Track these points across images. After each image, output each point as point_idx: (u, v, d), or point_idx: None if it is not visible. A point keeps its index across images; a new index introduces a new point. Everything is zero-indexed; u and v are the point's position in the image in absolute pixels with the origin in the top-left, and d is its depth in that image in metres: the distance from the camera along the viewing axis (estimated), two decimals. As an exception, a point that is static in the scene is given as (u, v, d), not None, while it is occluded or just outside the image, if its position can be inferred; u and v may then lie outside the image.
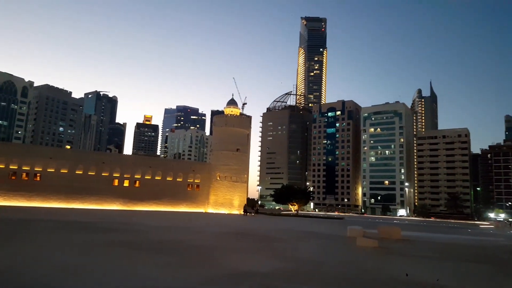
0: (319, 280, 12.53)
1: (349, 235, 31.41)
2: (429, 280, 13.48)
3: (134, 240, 21.46)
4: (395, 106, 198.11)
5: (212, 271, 12.93)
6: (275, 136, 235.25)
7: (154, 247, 18.71)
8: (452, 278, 14.14)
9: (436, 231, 52.93)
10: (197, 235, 27.05)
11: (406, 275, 11.45)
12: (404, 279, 13.21)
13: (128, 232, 26.24)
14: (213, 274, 12.47)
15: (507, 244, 34.28)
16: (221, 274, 12.56)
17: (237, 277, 12.21)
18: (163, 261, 14.62)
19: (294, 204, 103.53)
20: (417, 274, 14.82)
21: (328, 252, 20.92)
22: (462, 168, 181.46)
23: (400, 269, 15.80)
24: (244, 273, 12.84)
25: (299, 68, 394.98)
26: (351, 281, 12.56)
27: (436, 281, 12.18)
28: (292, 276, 12.97)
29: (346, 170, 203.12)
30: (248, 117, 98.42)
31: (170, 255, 16.46)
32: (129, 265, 13.38)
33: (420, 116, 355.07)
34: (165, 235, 25.63)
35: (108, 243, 19.14)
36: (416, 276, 14.18)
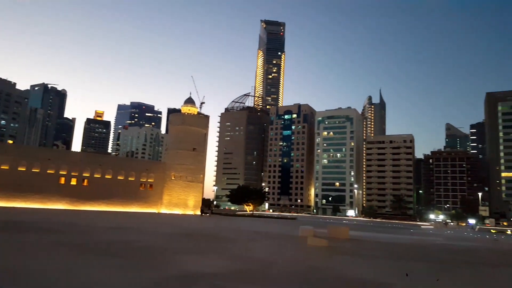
0: (269, 280, 12.81)
1: (301, 234, 32.26)
2: (374, 278, 14.26)
3: (81, 241, 20.57)
4: (347, 112, 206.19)
5: (162, 273, 12.77)
6: (233, 137, 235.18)
7: (102, 249, 18.07)
8: (395, 276, 15.05)
9: (382, 231, 55.78)
10: (148, 236, 26.44)
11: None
12: (351, 277, 13.88)
13: (75, 233, 25.08)
14: (162, 275, 12.32)
15: (444, 243, 36.93)
16: (170, 275, 12.44)
17: (187, 278, 12.15)
18: (111, 263, 14.19)
19: (249, 204, 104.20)
20: (363, 272, 15.62)
21: (279, 252, 21.37)
22: (406, 171, 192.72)
23: (347, 268, 16.56)
24: (194, 274, 12.81)
25: (258, 70, 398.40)
26: (300, 280, 12.97)
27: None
28: (242, 276, 13.13)
29: (300, 172, 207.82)
30: (206, 117, 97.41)
31: (118, 256, 15.99)
32: (75, 268, 12.85)
33: (370, 121, 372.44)
34: (114, 236, 24.79)
35: (53, 245, 18.20)
36: (362, 274, 14.95)
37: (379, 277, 14.47)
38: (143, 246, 19.97)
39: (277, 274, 13.85)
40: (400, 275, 15.29)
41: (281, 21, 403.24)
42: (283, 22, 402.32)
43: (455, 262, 21.13)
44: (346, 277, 13.98)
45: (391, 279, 14.10)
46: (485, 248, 33.49)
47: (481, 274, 16.88)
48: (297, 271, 14.69)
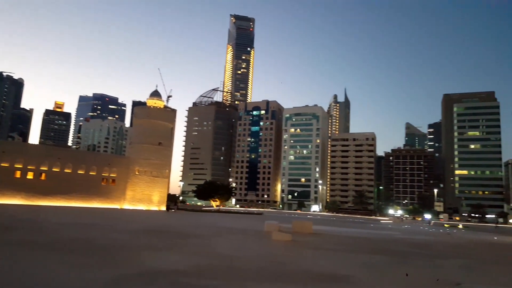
0: (232, 275, 12.93)
1: (266, 229, 32.68)
2: (334, 271, 14.77)
3: (37, 238, 19.73)
4: (314, 109, 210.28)
5: (122, 271, 12.54)
6: (200, 132, 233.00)
7: (60, 246, 17.44)
8: (354, 268, 15.66)
9: (344, 226, 57.57)
10: (110, 232, 25.78)
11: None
12: (313, 271, 14.30)
13: (31, 230, 24.00)
14: (123, 273, 12.10)
15: (401, 237, 38.72)
16: (132, 273, 12.24)
17: (149, 275, 12.02)
18: (69, 261, 13.74)
19: (216, 200, 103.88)
20: (324, 265, 16.13)
21: (244, 247, 21.57)
22: (368, 168, 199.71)
23: (309, 262, 17.03)
24: (155, 271, 12.68)
25: (227, 65, 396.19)
26: (263, 275, 13.18)
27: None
28: (205, 272, 13.16)
29: (267, 168, 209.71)
30: (173, 111, 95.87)
31: (77, 254, 15.51)
32: (29, 267, 12.34)
33: (335, 119, 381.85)
34: (74, 233, 23.97)
35: (5, 242, 17.35)
36: (323, 267, 15.44)
37: (340, 270, 15.01)
38: (104, 243, 19.48)
39: (240, 269, 14.00)
40: (362, 267, 15.93)
41: (251, 16, 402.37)
42: (253, 18, 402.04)
43: (411, 254, 22.25)
44: (308, 270, 14.38)
45: (351, 271, 14.66)
46: (438, 242, 35.46)
47: (433, 265, 17.91)
48: (260, 266, 14.91)
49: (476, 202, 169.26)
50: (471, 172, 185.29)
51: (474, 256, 23.50)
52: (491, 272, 16.92)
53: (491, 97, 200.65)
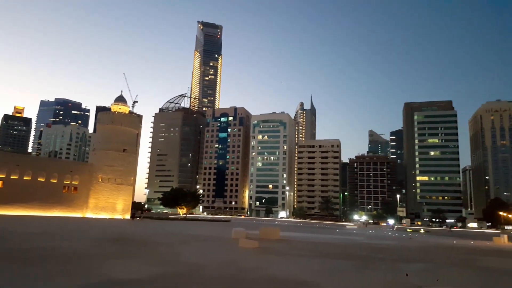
0: (197, 283, 12.77)
1: (233, 236, 32.58)
2: (300, 277, 14.95)
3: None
4: (281, 116, 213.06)
5: (82, 281, 12.07)
6: (167, 138, 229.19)
7: (18, 256, 16.54)
8: (319, 274, 15.94)
9: (310, 231, 58.41)
10: (71, 242, 24.71)
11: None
12: (278, 278, 14.40)
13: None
14: (82, 283, 11.66)
15: (366, 242, 39.82)
16: (92, 283, 11.80)
17: (110, 285, 11.66)
18: (26, 272, 13.06)
19: (182, 207, 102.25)
20: (290, 272, 16.29)
21: (210, 255, 21.38)
22: (333, 174, 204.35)
23: (275, 268, 17.14)
24: (118, 281, 12.31)
25: (195, 71, 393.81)
26: (228, 282, 13.15)
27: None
28: (170, 280, 12.93)
29: (235, 174, 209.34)
30: (138, 116, 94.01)
31: (36, 265, 14.77)
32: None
33: (302, 126, 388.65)
34: (33, 243, 22.76)
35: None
36: (289, 274, 15.58)
37: (305, 276, 15.21)
38: (65, 253, 18.66)
39: (206, 277, 13.88)
40: (324, 273, 16.24)
41: (219, 24, 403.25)
42: (221, 25, 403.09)
43: (374, 259, 22.94)
44: (273, 277, 14.47)
45: (316, 277, 14.90)
46: (401, 246, 36.77)
47: (396, 270, 18.56)
48: (225, 274, 14.85)
49: (436, 207, 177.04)
50: (431, 178, 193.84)
51: (434, 259, 24.52)
52: (450, 274, 17.74)
53: (449, 106, 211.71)
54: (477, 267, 21.02)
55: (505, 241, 49.57)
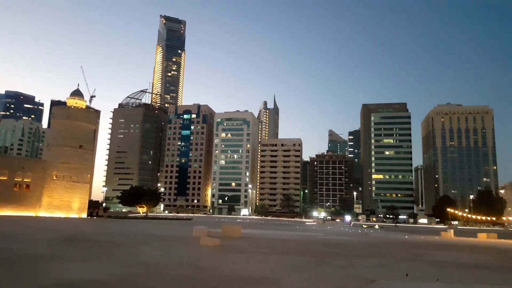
0: (156, 284, 12.65)
1: (195, 235, 32.43)
2: (260, 274, 15.26)
3: None
4: (245, 115, 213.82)
5: (34, 283, 11.60)
6: (127, 135, 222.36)
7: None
8: (279, 271, 16.34)
9: (271, 228, 59.29)
10: (22, 242, 23.47)
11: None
12: (239, 275, 14.63)
13: None
14: (36, 286, 11.24)
15: (324, 238, 41.09)
16: (46, 285, 11.34)
17: (64, 287, 11.34)
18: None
19: (142, 206, 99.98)
20: (251, 269, 16.56)
21: (170, 254, 21.19)
22: (295, 172, 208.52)
23: (236, 266, 17.36)
24: (72, 283, 11.88)
25: (156, 66, 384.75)
26: (188, 281, 13.13)
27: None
28: (128, 282, 12.68)
29: (198, 172, 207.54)
30: (96, 112, 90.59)
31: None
32: None
33: (265, 125, 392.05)
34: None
35: None
36: (249, 271, 15.84)
37: (265, 272, 15.53)
38: (15, 255, 17.75)
39: (165, 277, 13.77)
40: (284, 269, 16.69)
41: (182, 19, 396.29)
42: (184, 20, 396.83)
43: (332, 254, 23.82)
44: (233, 274, 14.66)
45: (276, 273, 15.26)
46: (357, 242, 38.29)
47: (352, 264, 19.42)
48: (185, 273, 14.82)
49: (390, 204, 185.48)
50: (386, 176, 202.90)
51: (388, 254, 25.80)
52: (402, 268, 18.79)
53: (403, 108, 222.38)
54: (427, 260, 22.40)
55: (451, 235, 53.10)
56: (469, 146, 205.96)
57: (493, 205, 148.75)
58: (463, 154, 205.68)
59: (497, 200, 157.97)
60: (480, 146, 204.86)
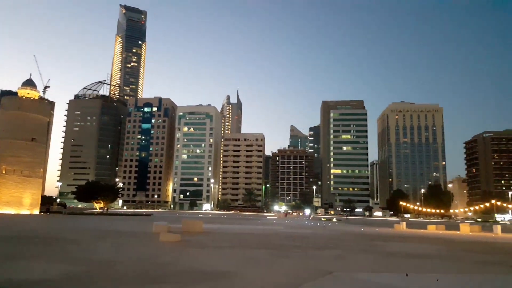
0: (111, 281, 12.31)
1: (154, 231, 31.82)
2: (220, 268, 15.31)
3: None
4: (208, 109, 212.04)
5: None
6: (83, 127, 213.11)
7: None
8: (239, 264, 16.47)
9: (233, 223, 59.48)
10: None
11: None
12: (198, 270, 14.57)
13: None
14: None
15: (284, 231, 41.81)
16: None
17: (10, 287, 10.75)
18: None
19: (99, 201, 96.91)
20: (210, 263, 16.55)
21: (128, 250, 20.67)
22: (257, 167, 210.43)
23: (196, 260, 17.29)
24: (18, 283, 11.24)
25: (116, 57, 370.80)
26: (144, 277, 12.88)
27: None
28: (81, 279, 12.26)
29: (159, 167, 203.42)
30: (50, 103, 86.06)
31: None
32: None
33: (228, 120, 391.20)
34: None
35: None
36: (209, 265, 15.83)
37: (225, 266, 15.60)
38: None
39: (120, 274, 13.43)
40: (244, 262, 16.85)
41: (143, 9, 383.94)
42: (145, 11, 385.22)
43: (291, 247, 24.32)
44: (193, 269, 14.58)
45: (235, 267, 15.37)
46: (316, 234, 39.33)
47: (310, 256, 19.96)
48: (142, 269, 14.54)
49: (347, 198, 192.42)
50: (343, 171, 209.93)
51: (344, 246, 26.74)
52: (359, 260, 19.57)
53: (360, 105, 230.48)
54: (381, 251, 23.47)
55: (403, 227, 55.99)
56: (420, 143, 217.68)
57: (441, 198, 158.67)
58: (415, 150, 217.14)
59: (445, 193, 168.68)
60: (430, 142, 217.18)
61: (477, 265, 18.08)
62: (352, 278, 13.94)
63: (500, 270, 16.99)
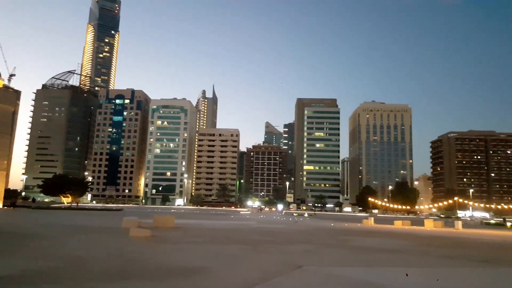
0: (78, 277, 12.02)
1: (124, 226, 31.24)
2: (191, 263, 15.24)
3: None
4: (182, 103, 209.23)
5: None
6: (51, 118, 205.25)
7: None
8: (211, 260, 16.45)
9: (206, 218, 59.20)
10: None
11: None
12: (169, 265, 14.44)
13: None
14: None
15: (257, 226, 42.10)
16: None
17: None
18: None
19: (67, 196, 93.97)
20: (181, 259, 16.45)
21: (96, 246, 20.20)
22: (231, 163, 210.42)
23: (166, 256, 17.13)
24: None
25: (87, 46, 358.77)
26: (112, 274, 12.66)
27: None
28: (47, 276, 11.86)
29: (130, 161, 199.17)
30: (16, 92, 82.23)
31: None
32: None
33: (203, 114, 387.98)
34: None
35: None
36: (180, 261, 15.73)
37: (196, 262, 15.54)
38: None
39: (87, 270, 13.13)
40: (216, 258, 16.85)
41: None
42: (119, 0, 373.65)
43: (264, 242, 24.52)
44: (163, 265, 14.43)
45: (208, 263, 15.35)
46: (287, 229, 39.86)
47: (282, 251, 20.21)
48: (113, 265, 14.27)
49: (319, 194, 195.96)
50: (316, 167, 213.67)
51: (315, 241, 27.24)
52: (329, 254, 20.00)
53: (334, 103, 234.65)
54: (351, 246, 24.10)
55: (371, 223, 57.70)
56: (389, 141, 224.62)
57: (408, 195, 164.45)
58: (384, 148, 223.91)
59: (412, 190, 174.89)
60: (399, 141, 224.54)
61: (440, 259, 18.90)
62: (322, 272, 14.24)
63: (460, 263, 17.84)
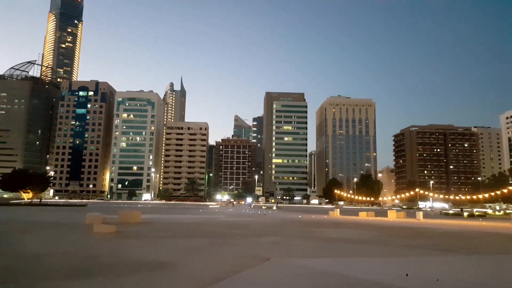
0: (37, 275, 11.46)
1: (88, 222, 30.22)
2: (156, 258, 14.92)
3: None
4: (149, 95, 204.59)
5: None
6: (10, 111, 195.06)
7: None
8: (178, 254, 16.20)
9: (174, 212, 58.46)
10: None
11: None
12: (134, 261, 14.07)
13: None
14: None
15: (225, 220, 42.05)
16: None
17: None
18: None
19: (27, 191, 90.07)
20: (146, 254, 16.08)
21: (56, 243, 19.37)
22: (200, 156, 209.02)
23: (131, 251, 16.69)
24: None
25: (48, 36, 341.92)
26: (74, 271, 12.17)
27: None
28: (2, 274, 11.33)
29: (95, 155, 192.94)
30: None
31: None
32: None
33: (171, 107, 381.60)
34: None
35: None
36: (145, 256, 15.36)
37: (163, 256, 15.25)
38: None
39: (46, 268, 12.54)
40: (183, 252, 16.62)
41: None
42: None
43: (232, 235, 24.50)
44: (130, 260, 14.06)
45: (174, 257, 15.11)
46: (256, 222, 40.07)
47: (250, 244, 20.26)
48: (73, 262, 13.71)
49: (287, 187, 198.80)
50: (284, 160, 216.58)
51: (283, 232, 27.56)
52: (297, 245, 20.25)
53: (301, 97, 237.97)
54: (318, 237, 24.58)
55: (337, 214, 59.19)
56: (354, 135, 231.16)
57: (372, 187, 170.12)
58: (349, 141, 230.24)
59: (376, 182, 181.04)
60: (363, 134, 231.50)
61: (402, 249, 19.69)
62: (290, 263, 14.38)
63: (421, 252, 18.64)
